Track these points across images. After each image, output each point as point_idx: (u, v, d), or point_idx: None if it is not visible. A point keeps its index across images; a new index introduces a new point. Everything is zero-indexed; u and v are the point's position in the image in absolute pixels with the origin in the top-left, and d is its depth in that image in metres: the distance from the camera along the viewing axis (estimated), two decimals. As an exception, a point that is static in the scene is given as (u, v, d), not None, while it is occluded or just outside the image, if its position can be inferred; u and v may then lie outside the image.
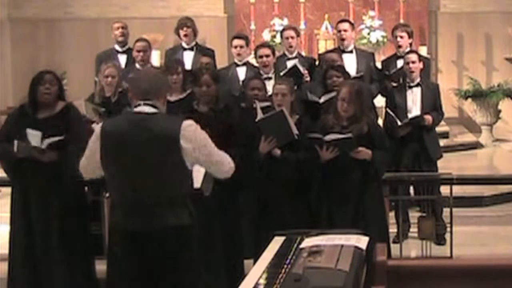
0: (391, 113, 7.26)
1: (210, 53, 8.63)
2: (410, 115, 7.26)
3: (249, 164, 5.92)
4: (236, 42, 8.10)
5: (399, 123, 7.13)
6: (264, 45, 7.93)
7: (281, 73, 7.49)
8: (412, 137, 7.26)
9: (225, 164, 4.54)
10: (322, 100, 6.66)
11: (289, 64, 7.81)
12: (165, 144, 4.31)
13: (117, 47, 8.99)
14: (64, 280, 5.83)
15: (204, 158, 4.43)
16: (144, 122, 4.35)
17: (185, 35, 8.68)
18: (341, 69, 6.92)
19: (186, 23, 8.72)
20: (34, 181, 5.83)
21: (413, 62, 7.36)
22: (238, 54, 8.03)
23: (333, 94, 6.46)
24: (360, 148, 5.79)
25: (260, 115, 5.95)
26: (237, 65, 8.04)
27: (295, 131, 5.80)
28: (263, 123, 5.85)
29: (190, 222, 4.40)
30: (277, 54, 8.54)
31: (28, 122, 5.81)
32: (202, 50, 8.70)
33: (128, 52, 8.79)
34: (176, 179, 4.37)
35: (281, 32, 8.68)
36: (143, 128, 4.33)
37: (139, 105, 4.42)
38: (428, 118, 7.24)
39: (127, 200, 4.37)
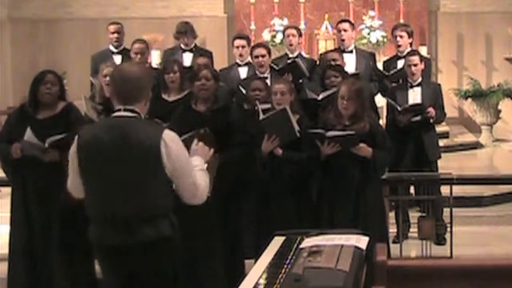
0: (391, 101, 7.28)
1: (208, 54, 8.65)
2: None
3: (250, 164, 5.92)
4: (238, 42, 8.10)
5: (399, 108, 7.14)
6: (260, 45, 7.88)
7: (278, 67, 7.48)
8: (412, 138, 7.27)
9: (197, 190, 4.24)
10: (320, 97, 6.66)
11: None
12: (145, 155, 4.12)
13: (112, 48, 9.05)
14: (64, 280, 5.83)
15: (178, 177, 4.19)
16: (123, 129, 4.15)
17: (186, 44, 8.74)
18: (339, 69, 6.93)
19: (186, 31, 8.74)
20: (34, 181, 5.84)
21: (415, 65, 7.36)
22: (240, 55, 8.03)
23: (332, 91, 6.46)
24: (362, 145, 5.80)
25: (262, 117, 5.95)
26: (239, 65, 8.05)
27: (297, 129, 5.81)
28: (266, 122, 5.85)
29: (171, 233, 4.22)
30: (279, 54, 8.55)
31: (29, 122, 5.81)
32: (200, 52, 8.72)
33: (123, 52, 8.85)
34: (157, 192, 4.18)
35: (283, 31, 8.68)
36: (121, 136, 4.14)
37: (119, 110, 4.22)
38: (431, 110, 7.23)
39: (106, 214, 4.19)
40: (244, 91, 7.02)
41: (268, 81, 7.14)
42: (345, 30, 8.13)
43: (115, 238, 4.17)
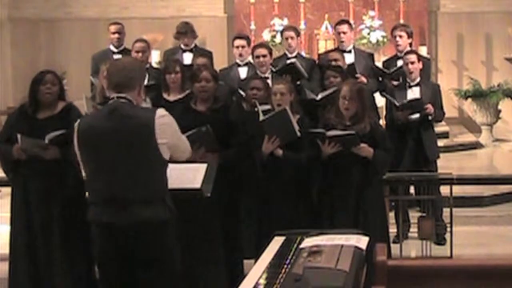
0: (388, 97, 7.27)
1: (208, 54, 8.65)
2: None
3: (250, 164, 5.92)
4: (238, 42, 8.10)
5: (397, 104, 7.13)
6: (261, 45, 7.88)
7: (276, 69, 7.48)
8: (411, 137, 7.27)
9: (185, 150, 4.65)
10: (319, 96, 6.66)
11: (289, 64, 7.80)
12: (139, 136, 4.31)
13: (112, 48, 9.06)
14: (64, 280, 5.83)
15: (173, 145, 4.46)
16: (117, 112, 4.34)
17: (186, 44, 8.74)
18: (339, 69, 6.93)
19: (186, 32, 8.75)
20: (34, 181, 5.83)
21: (412, 63, 7.36)
22: (240, 55, 8.02)
23: (330, 90, 6.46)
24: (362, 145, 5.80)
25: (262, 118, 5.94)
26: (239, 65, 8.05)
27: (298, 129, 5.81)
28: (267, 123, 5.85)
29: (167, 217, 4.37)
30: (278, 54, 8.53)
31: (29, 123, 5.81)
32: (200, 52, 8.72)
33: (124, 52, 8.84)
34: (153, 175, 4.36)
35: (281, 32, 8.68)
36: (115, 118, 4.33)
37: (113, 98, 4.43)
38: (430, 106, 7.22)
39: (105, 195, 4.34)
40: (243, 92, 7.01)
41: (269, 81, 7.13)
42: (344, 33, 8.15)
43: (112, 216, 4.32)
